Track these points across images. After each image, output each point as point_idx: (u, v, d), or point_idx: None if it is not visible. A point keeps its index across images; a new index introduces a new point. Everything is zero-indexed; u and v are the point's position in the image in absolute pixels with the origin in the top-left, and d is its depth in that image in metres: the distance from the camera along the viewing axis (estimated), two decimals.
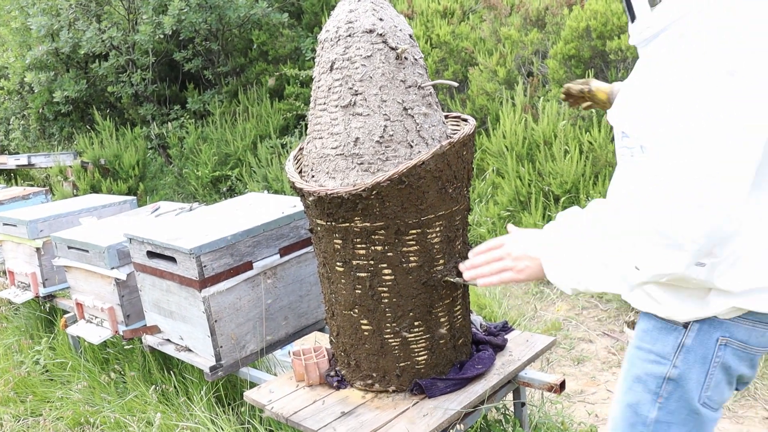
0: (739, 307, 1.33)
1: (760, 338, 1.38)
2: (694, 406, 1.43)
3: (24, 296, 4.08)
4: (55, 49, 8.55)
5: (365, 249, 2.18)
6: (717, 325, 1.37)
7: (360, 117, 2.13)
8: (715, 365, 1.39)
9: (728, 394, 1.46)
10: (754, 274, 1.29)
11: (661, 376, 1.43)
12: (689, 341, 1.39)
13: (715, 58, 1.14)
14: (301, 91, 7.91)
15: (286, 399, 2.41)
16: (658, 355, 1.44)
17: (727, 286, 1.30)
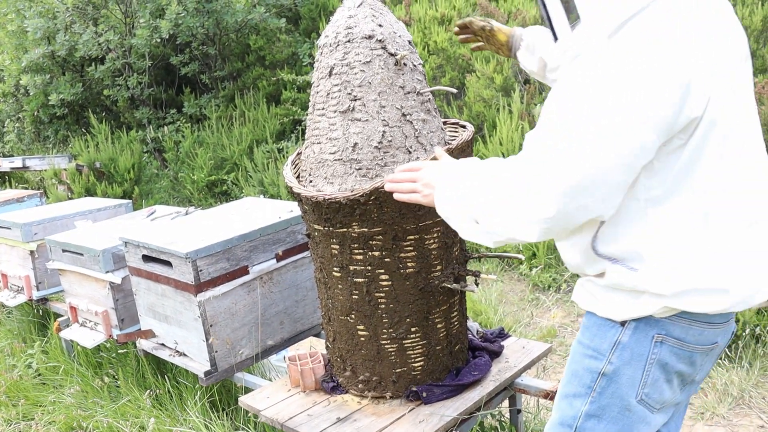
0: (672, 307, 1.37)
1: (698, 336, 1.41)
2: (627, 403, 1.44)
3: (17, 299, 4.06)
4: (51, 51, 8.53)
5: (363, 254, 2.17)
6: (653, 323, 1.40)
7: (359, 122, 2.13)
8: (652, 362, 1.42)
9: (669, 395, 1.47)
10: (683, 277, 1.33)
11: (597, 371, 1.46)
12: (625, 338, 1.43)
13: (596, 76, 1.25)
14: (298, 96, 7.91)
15: (282, 404, 2.40)
16: (596, 351, 1.47)
17: (657, 290, 1.35)
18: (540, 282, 4.60)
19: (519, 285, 4.72)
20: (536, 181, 1.31)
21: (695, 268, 1.34)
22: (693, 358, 1.44)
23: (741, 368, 3.27)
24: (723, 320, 1.43)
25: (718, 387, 3.18)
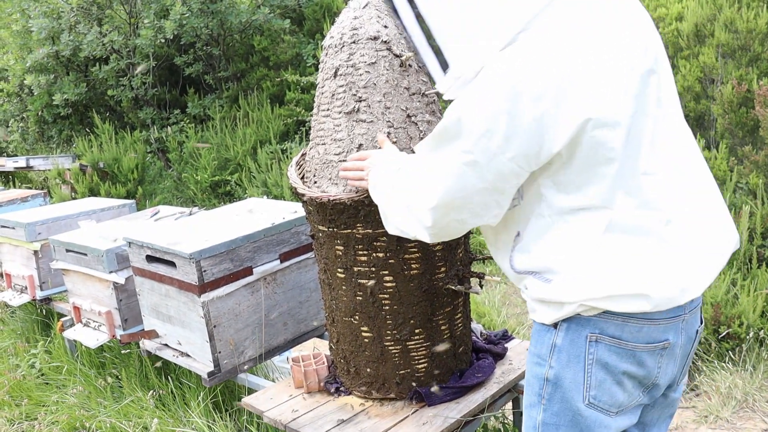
0: (593, 306, 1.37)
1: (637, 334, 1.39)
2: (576, 407, 1.43)
3: (21, 299, 4.07)
4: (55, 52, 8.54)
5: (367, 256, 2.17)
6: (584, 322, 1.40)
7: (363, 124, 2.13)
8: (591, 362, 1.41)
9: (623, 397, 1.45)
10: (596, 286, 1.35)
11: (542, 377, 1.48)
12: (560, 341, 1.44)
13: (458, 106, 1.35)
14: (302, 97, 7.90)
15: (285, 406, 2.39)
16: (539, 357, 1.49)
17: (572, 299, 1.37)
18: None
19: None
20: (413, 198, 1.49)
21: (608, 276, 1.35)
22: (639, 357, 1.42)
23: (745, 371, 3.26)
24: (667, 316, 1.41)
25: (722, 390, 3.17)
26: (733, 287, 3.50)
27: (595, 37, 1.30)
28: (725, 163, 4.20)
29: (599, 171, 1.31)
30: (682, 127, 1.46)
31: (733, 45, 4.56)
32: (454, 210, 1.41)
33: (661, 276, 1.36)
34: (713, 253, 1.44)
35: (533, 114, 1.26)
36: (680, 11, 4.97)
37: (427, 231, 1.48)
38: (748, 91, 4.30)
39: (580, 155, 1.30)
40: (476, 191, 1.37)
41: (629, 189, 1.33)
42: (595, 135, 1.28)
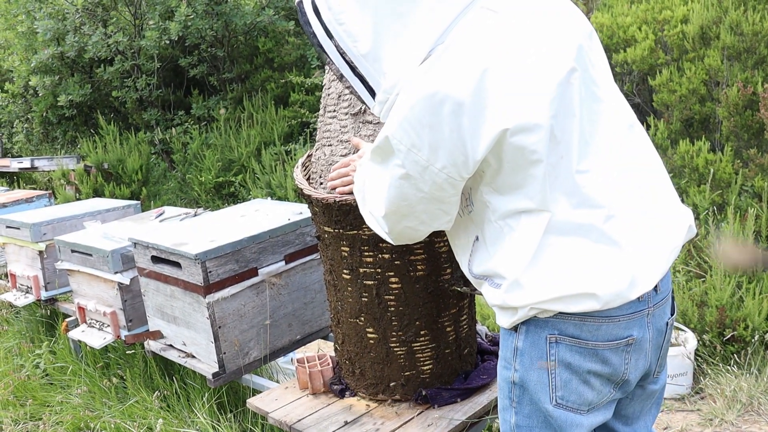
0: (545, 309, 1.38)
1: (596, 332, 1.39)
2: (545, 408, 1.44)
3: (25, 299, 4.07)
4: (60, 53, 8.56)
5: (373, 257, 2.17)
6: (542, 324, 1.40)
7: (370, 125, 2.13)
8: (553, 363, 1.41)
9: (593, 395, 1.44)
10: (542, 288, 1.36)
11: (509, 380, 1.48)
12: (521, 344, 1.44)
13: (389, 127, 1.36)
14: (306, 98, 7.92)
15: (290, 407, 2.39)
16: (505, 360, 1.50)
17: (520, 303, 1.38)
18: None
19: None
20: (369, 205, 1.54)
21: (552, 278, 1.35)
22: (602, 355, 1.41)
23: (750, 375, 3.25)
24: (627, 312, 1.39)
25: (727, 393, 3.16)
26: (738, 290, 3.50)
27: (510, 44, 1.31)
28: (730, 166, 4.19)
29: (529, 173, 1.32)
30: (619, 116, 1.45)
31: (738, 47, 4.55)
32: (404, 218, 1.45)
33: (606, 273, 1.35)
34: (664, 243, 1.43)
35: (451, 126, 1.28)
36: (685, 14, 4.96)
37: (387, 235, 1.54)
38: (753, 94, 4.29)
39: (506, 160, 1.31)
40: (417, 201, 1.40)
41: (566, 189, 1.34)
42: (514, 141, 1.28)
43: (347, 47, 1.40)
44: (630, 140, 1.46)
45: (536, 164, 1.31)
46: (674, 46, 4.92)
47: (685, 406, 3.22)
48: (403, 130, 1.32)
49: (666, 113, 4.82)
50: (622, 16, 5.30)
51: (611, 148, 1.40)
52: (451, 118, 1.27)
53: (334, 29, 1.40)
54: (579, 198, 1.34)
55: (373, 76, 1.41)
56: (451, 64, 1.29)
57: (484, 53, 1.28)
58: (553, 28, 1.37)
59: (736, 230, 3.62)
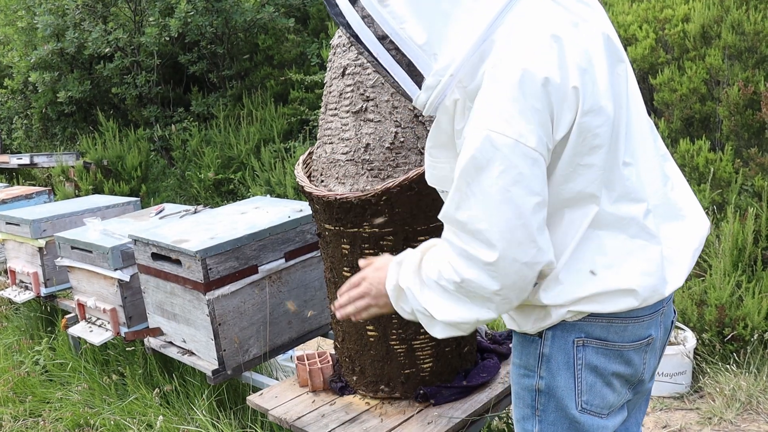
0: (579, 311, 1.35)
1: (622, 333, 1.38)
2: (571, 415, 1.41)
3: (25, 296, 4.07)
4: (60, 49, 8.55)
5: (373, 254, 2.16)
6: (569, 327, 1.38)
7: (371, 123, 2.13)
8: (580, 367, 1.39)
9: (613, 398, 1.43)
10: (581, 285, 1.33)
11: (533, 388, 1.44)
12: (547, 350, 1.41)
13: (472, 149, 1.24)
14: (306, 96, 7.91)
15: (290, 404, 2.39)
16: (526, 368, 1.46)
17: (556, 302, 1.35)
18: None
19: None
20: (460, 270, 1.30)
21: (593, 274, 1.32)
22: (627, 356, 1.40)
23: (749, 374, 3.25)
24: (650, 312, 1.39)
25: (726, 392, 3.17)
26: (738, 289, 3.50)
27: (570, 25, 1.28)
28: (731, 165, 4.19)
29: (587, 160, 1.27)
30: (645, 115, 1.45)
31: (739, 47, 4.55)
32: (520, 250, 1.23)
33: (646, 269, 1.33)
34: (689, 241, 1.42)
35: (545, 102, 1.21)
36: (687, 12, 4.96)
37: (494, 301, 1.30)
38: (754, 93, 4.29)
39: (569, 145, 1.26)
40: (532, 210, 1.23)
41: (610, 181, 1.31)
42: (583, 122, 1.24)
43: (393, 30, 1.28)
44: (653, 136, 1.46)
45: (597, 150, 1.27)
46: (675, 45, 4.91)
47: (684, 405, 3.22)
48: (504, 120, 1.20)
49: (666, 112, 4.82)
50: (622, 15, 5.30)
51: (644, 142, 1.40)
52: (544, 96, 1.21)
53: (377, 12, 1.29)
54: (621, 190, 1.32)
55: (424, 59, 1.29)
56: (527, 42, 1.23)
57: (555, 28, 1.25)
58: (594, 16, 1.35)
59: (736, 230, 3.62)
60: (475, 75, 1.26)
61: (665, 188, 1.42)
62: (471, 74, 1.26)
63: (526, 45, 1.23)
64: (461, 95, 1.29)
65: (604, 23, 1.36)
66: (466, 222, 1.26)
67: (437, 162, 1.47)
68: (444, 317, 1.36)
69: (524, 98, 1.20)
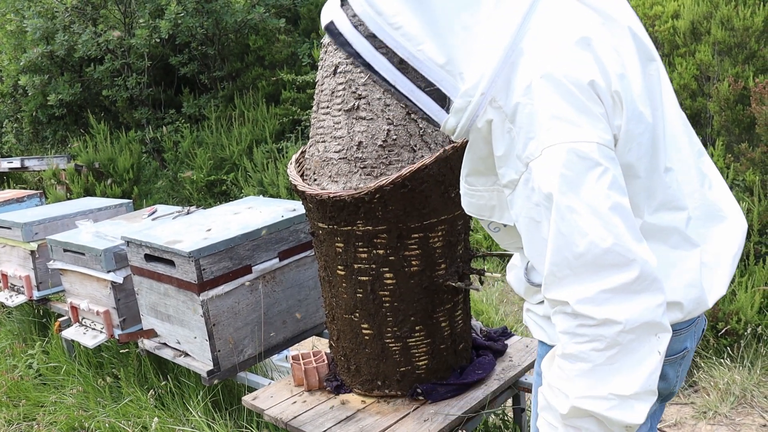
0: None
1: None
2: None
3: (18, 299, 4.05)
4: (50, 51, 8.51)
5: (367, 253, 2.17)
6: None
7: (363, 121, 2.13)
8: None
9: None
10: None
11: None
12: None
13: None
14: (298, 96, 7.90)
15: (285, 404, 2.39)
16: None
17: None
18: None
19: None
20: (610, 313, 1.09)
21: None
22: (663, 371, 1.28)
23: (743, 368, 3.27)
24: (687, 324, 1.31)
25: (721, 386, 3.18)
26: (731, 284, 3.51)
27: (597, 25, 1.19)
28: (722, 161, 4.21)
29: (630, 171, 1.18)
30: (679, 111, 1.36)
31: (729, 42, 4.57)
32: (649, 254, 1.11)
33: (689, 280, 1.25)
34: (730, 245, 1.33)
35: (599, 105, 1.13)
36: (676, 9, 4.98)
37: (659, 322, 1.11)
38: (744, 89, 4.31)
39: (617, 153, 1.16)
40: (630, 211, 1.12)
41: (651, 189, 1.22)
42: (629, 129, 1.16)
43: (410, 53, 1.17)
44: (687, 132, 1.36)
45: (640, 160, 1.18)
46: (665, 41, 4.93)
47: (679, 399, 3.23)
48: (577, 127, 1.10)
49: None
50: None
51: (679, 142, 1.32)
52: (597, 99, 1.12)
53: (389, 36, 1.17)
54: (662, 198, 1.23)
55: (448, 80, 1.18)
56: (559, 47, 1.14)
57: (583, 30, 1.16)
58: (623, 16, 1.25)
59: None
60: (509, 90, 1.15)
61: (703, 189, 1.33)
62: (504, 90, 1.16)
63: (559, 51, 1.14)
64: (496, 116, 1.17)
65: (629, 18, 1.27)
66: (585, 252, 1.08)
67: (475, 191, 1.35)
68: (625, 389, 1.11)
69: (583, 103, 1.11)
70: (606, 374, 1.10)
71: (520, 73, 1.14)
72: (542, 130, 1.11)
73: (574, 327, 1.11)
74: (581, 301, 1.09)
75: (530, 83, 1.12)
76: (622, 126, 1.15)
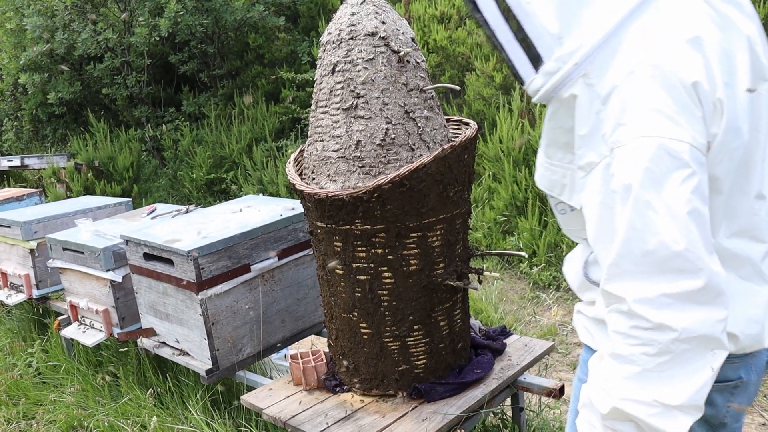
0: None
1: None
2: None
3: (17, 298, 4.05)
4: (49, 50, 8.51)
5: (365, 252, 2.16)
6: None
7: (362, 120, 2.12)
8: None
9: None
10: None
11: None
12: None
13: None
14: (297, 94, 7.90)
15: (284, 403, 2.39)
16: None
17: None
18: (540, 280, 4.60)
19: (519, 283, 4.72)
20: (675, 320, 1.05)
21: None
22: (711, 397, 1.21)
23: None
24: (740, 354, 1.24)
25: None
26: None
27: (715, 28, 1.14)
28: None
29: (715, 185, 1.13)
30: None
31: None
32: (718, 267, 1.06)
33: (752, 315, 1.20)
34: None
35: (699, 107, 1.08)
36: None
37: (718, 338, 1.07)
38: None
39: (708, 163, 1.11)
40: (708, 222, 1.07)
41: (733, 211, 1.17)
42: (725, 140, 1.11)
43: (518, 4, 1.17)
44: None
45: (727, 175, 1.14)
46: None
47: None
48: (675, 124, 1.06)
49: None
50: None
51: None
52: (698, 101, 1.08)
53: None
54: (744, 224, 1.18)
55: (546, 41, 1.17)
56: (669, 42, 1.10)
57: (699, 30, 1.12)
58: (747, 25, 1.19)
59: None
60: (606, 71, 1.12)
61: None
62: (600, 70, 1.13)
63: (671, 45, 1.10)
64: (584, 93, 1.15)
65: (752, 30, 1.20)
66: (654, 250, 1.05)
67: (551, 164, 1.30)
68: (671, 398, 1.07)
69: (685, 102, 1.07)
70: (654, 380, 1.07)
71: (623, 56, 1.11)
72: (637, 119, 1.07)
73: (627, 328, 1.08)
74: (640, 300, 1.06)
75: (634, 70, 1.09)
76: (718, 135, 1.10)
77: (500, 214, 5.19)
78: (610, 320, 1.12)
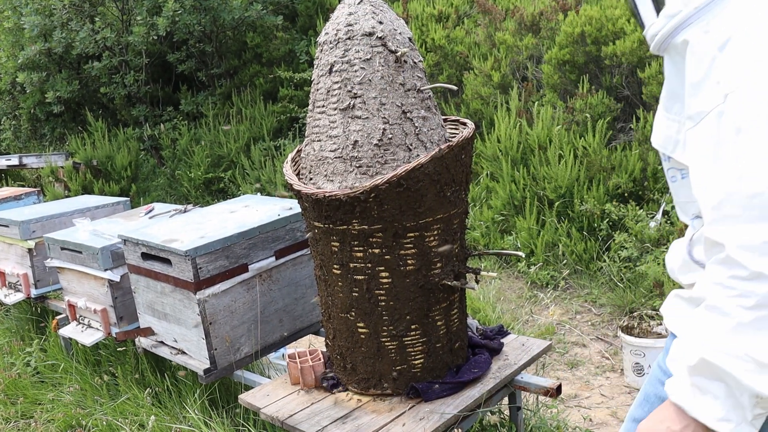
0: None
1: None
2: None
3: (15, 297, 4.05)
4: (47, 49, 8.49)
5: (363, 252, 2.17)
6: None
7: (359, 120, 2.13)
8: None
9: None
10: None
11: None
12: None
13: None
14: (295, 93, 7.89)
15: (282, 402, 2.40)
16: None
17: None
18: (538, 279, 4.60)
19: (517, 283, 4.72)
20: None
21: None
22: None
23: None
24: None
25: None
26: None
27: None
28: None
29: None
30: None
31: None
32: None
33: None
34: None
35: None
36: None
37: None
38: None
39: None
40: None
41: None
42: None
43: None
44: None
45: None
46: None
47: None
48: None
49: (655, 105, 4.84)
50: (611, 9, 5.31)
51: None
52: None
53: None
54: None
55: None
56: None
57: None
58: None
59: None
60: (724, 19, 1.10)
61: None
62: (719, 17, 1.11)
63: None
64: (699, 39, 1.12)
65: None
66: (763, 192, 0.99)
67: (669, 117, 1.26)
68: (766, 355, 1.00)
69: None
70: (749, 335, 1.00)
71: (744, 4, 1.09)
72: (755, 64, 1.05)
73: (725, 277, 1.03)
74: (741, 246, 1.00)
75: (756, 17, 1.07)
76: None
77: (498, 214, 5.20)
78: (709, 272, 1.07)
